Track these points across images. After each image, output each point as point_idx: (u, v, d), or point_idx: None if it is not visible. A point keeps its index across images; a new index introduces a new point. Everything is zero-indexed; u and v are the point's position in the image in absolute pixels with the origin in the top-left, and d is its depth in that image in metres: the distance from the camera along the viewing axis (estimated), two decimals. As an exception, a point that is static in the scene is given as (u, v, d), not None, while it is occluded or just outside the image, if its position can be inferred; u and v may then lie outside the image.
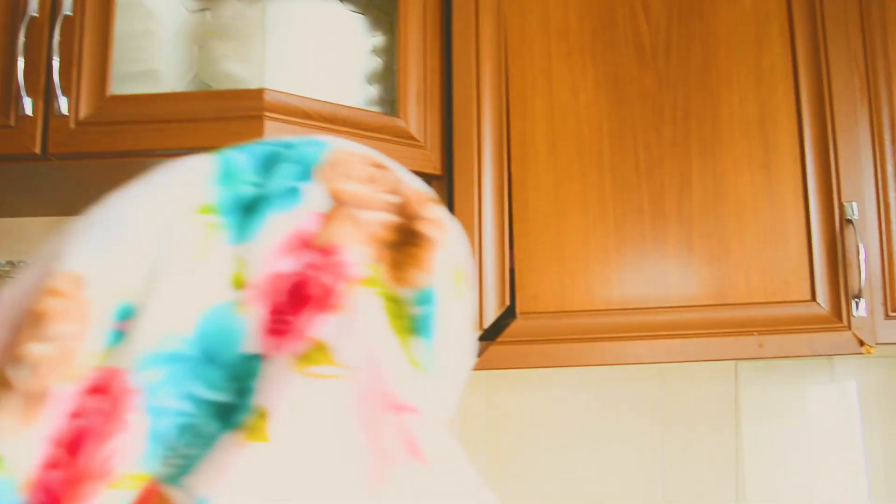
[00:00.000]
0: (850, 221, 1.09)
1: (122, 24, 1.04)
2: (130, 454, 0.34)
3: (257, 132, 0.99)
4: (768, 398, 1.38)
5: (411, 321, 0.36)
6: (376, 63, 1.15)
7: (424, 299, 0.37)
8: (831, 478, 1.35)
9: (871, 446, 1.35)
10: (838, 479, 1.35)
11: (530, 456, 1.40)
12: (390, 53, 1.15)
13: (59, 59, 1.00)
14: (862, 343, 1.08)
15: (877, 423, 1.36)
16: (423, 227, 0.38)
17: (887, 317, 1.11)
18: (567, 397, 1.40)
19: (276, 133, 1.00)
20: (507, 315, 1.12)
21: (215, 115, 1.00)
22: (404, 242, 0.37)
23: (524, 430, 1.41)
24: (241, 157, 0.39)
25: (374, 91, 1.13)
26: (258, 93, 1.00)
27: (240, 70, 1.04)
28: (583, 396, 1.40)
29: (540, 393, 1.41)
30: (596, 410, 1.40)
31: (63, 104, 1.00)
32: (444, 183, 1.15)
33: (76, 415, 0.34)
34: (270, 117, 1.00)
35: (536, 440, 1.40)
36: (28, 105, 1.00)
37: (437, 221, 0.39)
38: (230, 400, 0.35)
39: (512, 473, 1.40)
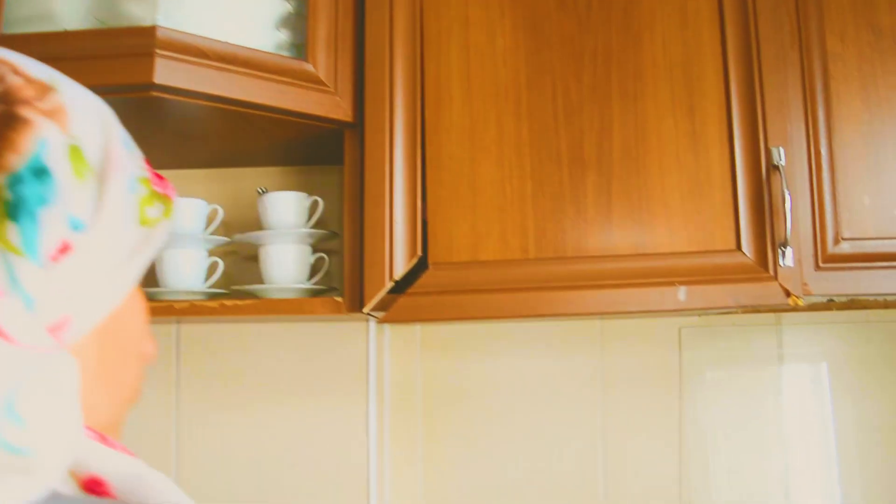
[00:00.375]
0: (776, 167, 1.04)
1: (17, -37, 1.01)
2: None
3: (148, 70, 0.96)
4: (712, 365, 1.33)
5: (6, 206, 0.37)
6: (285, 7, 1.11)
7: (16, 181, 0.37)
8: (780, 447, 1.30)
9: (794, 402, 1.30)
10: (791, 449, 1.30)
11: (467, 422, 1.36)
12: (301, -3, 1.12)
13: (-52, -2, 0.98)
14: (788, 294, 1.03)
15: (833, 394, 1.31)
16: (22, 111, 0.39)
17: (818, 268, 1.06)
18: (504, 363, 1.36)
19: (168, 71, 0.97)
20: (420, 266, 1.08)
21: (106, 53, 0.97)
22: (1, 128, 0.38)
23: (460, 396, 1.36)
24: None
25: (283, 36, 1.10)
26: (150, 30, 0.97)
27: (138, 10, 1.01)
28: (520, 362, 1.36)
29: (476, 358, 1.37)
30: (534, 376, 1.35)
31: (-47, 44, 0.98)
32: (356, 130, 1.11)
33: None
34: (162, 55, 0.97)
35: (473, 406, 1.36)
36: (-84, 44, 0.98)
37: (48, 107, 0.40)
38: None
39: (447, 439, 1.36)
